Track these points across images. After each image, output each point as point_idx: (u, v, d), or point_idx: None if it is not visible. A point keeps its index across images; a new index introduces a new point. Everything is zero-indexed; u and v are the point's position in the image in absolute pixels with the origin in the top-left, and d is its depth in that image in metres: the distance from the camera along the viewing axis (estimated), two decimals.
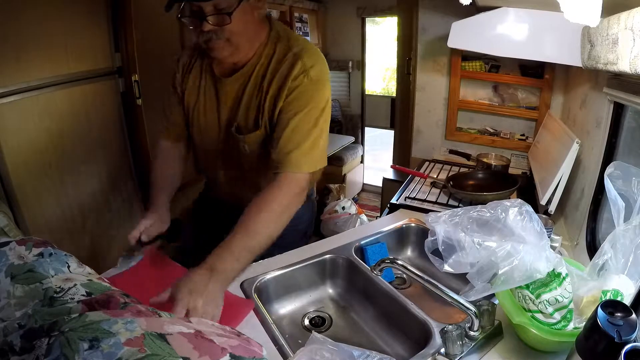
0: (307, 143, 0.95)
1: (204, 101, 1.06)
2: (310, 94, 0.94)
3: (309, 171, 0.96)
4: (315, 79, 0.94)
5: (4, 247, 0.65)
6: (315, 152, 0.97)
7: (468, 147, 1.93)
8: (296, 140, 0.94)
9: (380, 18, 3.84)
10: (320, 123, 0.97)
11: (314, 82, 0.94)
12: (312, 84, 0.94)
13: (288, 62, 0.95)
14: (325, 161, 1.01)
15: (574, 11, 0.56)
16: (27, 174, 1.37)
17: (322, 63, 0.97)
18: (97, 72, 1.61)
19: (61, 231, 1.52)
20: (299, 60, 0.94)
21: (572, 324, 0.70)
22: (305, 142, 0.94)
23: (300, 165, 0.94)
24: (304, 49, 0.96)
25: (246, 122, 1.02)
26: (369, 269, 1.00)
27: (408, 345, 0.88)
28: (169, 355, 0.49)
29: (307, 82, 0.94)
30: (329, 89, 0.99)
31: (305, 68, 0.93)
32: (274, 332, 0.79)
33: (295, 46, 0.97)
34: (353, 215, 2.51)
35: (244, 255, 0.85)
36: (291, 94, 0.94)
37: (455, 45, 1.52)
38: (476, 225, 0.73)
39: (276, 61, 0.96)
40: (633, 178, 0.69)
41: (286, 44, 0.97)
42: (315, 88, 0.95)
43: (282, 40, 0.98)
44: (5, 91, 1.27)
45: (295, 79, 0.93)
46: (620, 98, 0.91)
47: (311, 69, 0.94)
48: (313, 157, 0.96)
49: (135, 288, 0.81)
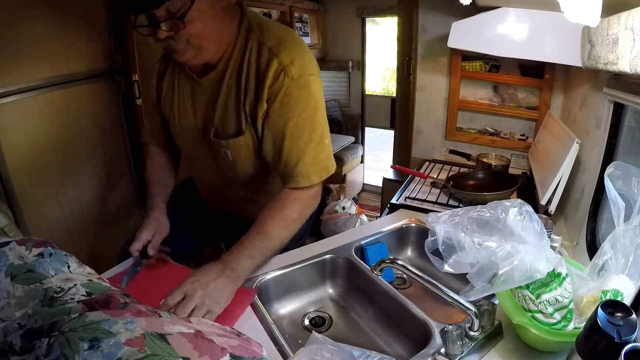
0: (310, 150, 0.89)
1: (178, 104, 0.99)
2: (296, 95, 0.85)
3: (320, 180, 0.93)
4: (297, 77, 0.84)
5: (4, 247, 0.65)
6: (322, 158, 0.92)
7: (468, 147, 1.93)
8: (298, 150, 0.89)
9: (380, 18, 3.84)
10: (319, 123, 0.90)
11: (296, 80, 0.84)
12: (295, 83, 0.84)
13: (263, 59, 0.85)
14: (334, 163, 0.96)
15: (574, 11, 0.56)
16: (27, 174, 1.37)
17: (303, 55, 0.87)
18: (97, 72, 1.61)
19: (61, 231, 1.52)
20: (275, 58, 0.84)
21: (572, 324, 0.70)
22: (308, 149, 0.89)
23: (311, 177, 0.91)
24: (280, 42, 0.85)
25: (224, 127, 0.93)
26: (369, 269, 1.00)
27: (408, 345, 0.88)
28: (169, 355, 0.49)
29: (290, 83, 0.84)
30: (318, 82, 0.90)
31: (283, 66, 0.83)
32: (274, 332, 0.79)
33: (269, 39, 0.86)
34: (353, 215, 2.51)
35: (258, 256, 0.87)
36: (275, 99, 0.85)
37: (455, 45, 1.52)
38: (476, 226, 0.73)
39: (250, 56, 0.86)
40: (633, 178, 0.69)
41: (259, 36, 0.87)
42: (300, 86, 0.85)
43: (254, 31, 0.87)
44: (5, 91, 1.27)
45: (275, 80, 0.84)
46: (620, 98, 0.91)
47: (291, 66, 0.84)
48: (321, 163, 0.92)
49: (139, 292, 0.81)
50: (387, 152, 3.59)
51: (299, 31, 3.02)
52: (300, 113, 0.87)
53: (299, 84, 0.85)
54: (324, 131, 0.92)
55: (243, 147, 0.94)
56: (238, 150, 0.95)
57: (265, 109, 0.87)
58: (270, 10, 2.72)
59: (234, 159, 0.96)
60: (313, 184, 0.92)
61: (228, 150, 0.95)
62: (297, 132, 0.88)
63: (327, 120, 0.94)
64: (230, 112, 0.91)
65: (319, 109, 0.90)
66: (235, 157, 0.96)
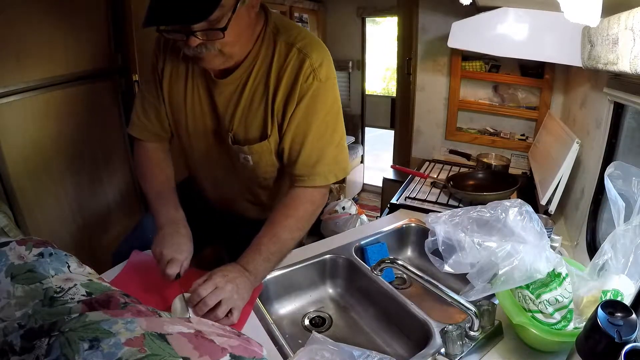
0: (330, 151, 0.89)
1: (192, 102, 0.94)
2: (322, 97, 0.86)
3: (336, 180, 0.92)
4: (324, 79, 0.85)
5: (4, 247, 0.65)
6: (342, 158, 0.92)
7: (468, 147, 1.93)
8: (319, 151, 0.88)
9: (380, 18, 3.84)
10: (340, 126, 0.91)
11: (323, 82, 0.85)
12: (322, 85, 0.85)
13: (294, 60, 0.84)
14: (349, 165, 0.97)
15: (574, 11, 0.56)
16: (27, 174, 1.37)
17: (329, 58, 0.88)
18: (97, 72, 1.60)
19: (61, 231, 1.52)
20: (307, 59, 0.84)
21: (572, 324, 0.70)
22: (328, 150, 0.89)
23: (328, 177, 0.91)
24: (309, 43, 0.86)
25: (246, 131, 0.91)
26: (369, 269, 1.00)
27: (408, 345, 0.88)
28: (169, 355, 0.49)
29: (318, 84, 0.85)
30: (337, 85, 0.91)
31: (313, 67, 0.84)
32: (274, 332, 0.79)
33: (297, 40, 0.86)
34: (353, 215, 2.51)
35: (273, 259, 0.87)
36: (303, 99, 0.85)
37: (455, 45, 1.52)
38: (476, 226, 0.73)
39: (279, 58, 0.86)
40: (633, 178, 0.69)
41: (287, 37, 0.86)
42: (326, 89, 0.86)
43: (282, 33, 0.87)
44: (5, 91, 1.26)
45: (305, 80, 0.84)
46: (620, 98, 0.91)
47: (320, 67, 0.85)
48: (339, 164, 0.92)
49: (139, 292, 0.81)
50: (387, 152, 3.58)
51: None
52: (325, 115, 0.88)
53: (326, 87, 0.86)
54: (343, 133, 0.93)
55: (266, 152, 0.92)
56: (260, 155, 0.93)
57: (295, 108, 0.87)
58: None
59: (255, 163, 0.94)
60: (328, 183, 0.92)
61: (250, 155, 0.92)
62: (319, 133, 0.88)
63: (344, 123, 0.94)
64: (254, 113, 0.89)
65: (340, 112, 0.92)
66: (256, 162, 0.94)
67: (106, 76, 1.66)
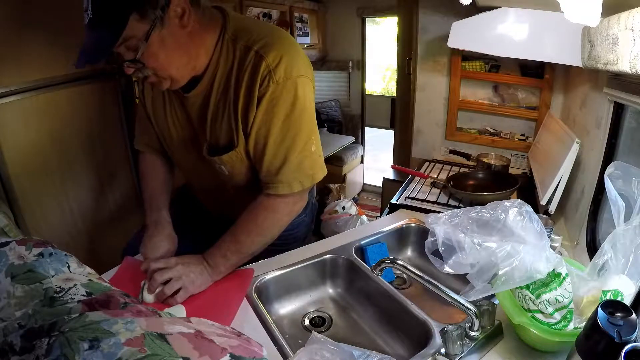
0: (294, 157, 0.85)
1: (172, 117, 0.95)
2: (282, 98, 0.81)
3: (304, 188, 0.89)
4: (283, 79, 0.79)
5: (4, 247, 0.65)
6: (307, 164, 0.87)
7: (468, 147, 1.93)
8: (282, 156, 0.85)
9: (380, 18, 3.85)
10: (305, 128, 0.84)
11: (281, 83, 0.80)
12: (280, 86, 0.80)
13: (252, 64, 0.80)
14: (323, 170, 0.91)
15: (574, 11, 0.56)
16: (27, 174, 1.37)
17: (291, 54, 0.81)
18: (97, 72, 1.60)
19: (61, 231, 1.52)
20: (263, 61, 0.79)
21: (572, 324, 0.70)
22: (291, 156, 0.85)
23: (292, 185, 0.87)
24: (268, 42, 0.80)
25: (217, 141, 0.90)
26: (369, 269, 1.00)
27: (408, 345, 0.88)
28: (169, 355, 0.49)
29: (274, 86, 0.79)
30: (309, 85, 0.84)
31: (270, 68, 0.79)
32: (274, 332, 0.79)
33: (256, 41, 0.81)
34: (353, 215, 2.51)
35: (231, 257, 0.91)
36: (260, 103, 0.81)
37: (455, 45, 1.52)
38: (476, 226, 0.73)
39: (239, 65, 0.82)
40: (633, 178, 0.69)
41: (246, 40, 0.82)
42: (286, 89, 0.80)
43: (241, 37, 0.82)
44: (5, 91, 1.26)
45: (261, 84, 0.80)
46: (620, 98, 0.91)
47: (277, 68, 0.79)
48: (305, 170, 0.87)
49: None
50: (387, 152, 3.59)
51: (299, 31, 3.02)
52: (286, 117, 0.82)
53: (285, 87, 0.80)
54: (310, 137, 0.86)
55: (237, 162, 0.91)
56: (233, 165, 0.92)
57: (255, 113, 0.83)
58: (270, 10, 2.72)
59: (230, 172, 0.94)
60: (293, 192, 0.88)
61: (223, 165, 0.92)
62: (280, 138, 0.84)
63: (316, 125, 0.89)
64: (220, 123, 0.88)
65: (306, 113, 0.84)
66: (231, 171, 0.93)
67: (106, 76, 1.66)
